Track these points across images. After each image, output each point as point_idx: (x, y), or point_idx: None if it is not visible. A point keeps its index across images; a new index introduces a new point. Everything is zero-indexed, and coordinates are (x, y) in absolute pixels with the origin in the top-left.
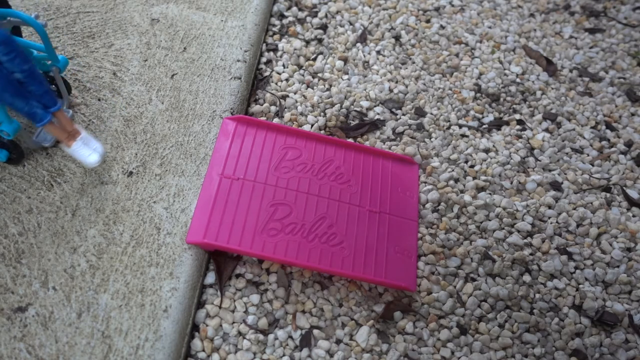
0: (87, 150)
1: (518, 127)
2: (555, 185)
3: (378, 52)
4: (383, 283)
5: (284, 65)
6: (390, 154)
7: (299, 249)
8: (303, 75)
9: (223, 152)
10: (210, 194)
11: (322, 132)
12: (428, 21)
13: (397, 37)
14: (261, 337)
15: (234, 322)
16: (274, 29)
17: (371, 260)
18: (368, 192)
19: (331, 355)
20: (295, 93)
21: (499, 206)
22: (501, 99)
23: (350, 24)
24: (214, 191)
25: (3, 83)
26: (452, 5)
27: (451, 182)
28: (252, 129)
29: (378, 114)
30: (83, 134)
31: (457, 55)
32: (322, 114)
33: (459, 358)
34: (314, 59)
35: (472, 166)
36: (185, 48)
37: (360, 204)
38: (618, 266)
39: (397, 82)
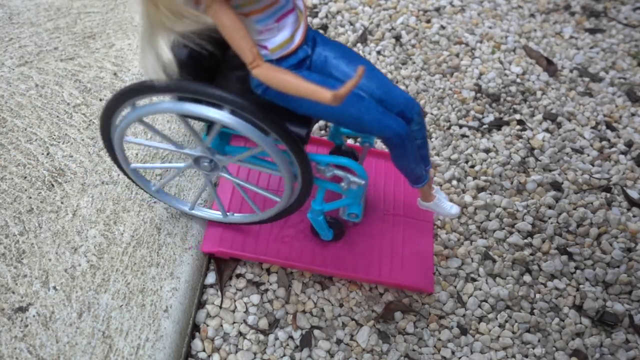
0: (447, 202)
1: (518, 127)
2: (556, 186)
3: (378, 52)
4: (400, 285)
5: None
6: None
7: (313, 255)
8: None
9: None
10: (225, 200)
11: (323, 132)
12: (428, 21)
13: (398, 37)
14: (262, 337)
15: (234, 322)
16: None
17: (387, 263)
18: (381, 194)
19: (332, 356)
20: None
21: (500, 206)
22: (501, 99)
23: (351, 24)
24: (228, 197)
25: (414, 153)
26: (453, 6)
27: (452, 182)
28: None
29: None
30: (434, 186)
31: (457, 55)
32: None
33: (460, 358)
34: None
35: (472, 166)
36: None
37: (374, 206)
38: (618, 266)
39: (397, 82)
